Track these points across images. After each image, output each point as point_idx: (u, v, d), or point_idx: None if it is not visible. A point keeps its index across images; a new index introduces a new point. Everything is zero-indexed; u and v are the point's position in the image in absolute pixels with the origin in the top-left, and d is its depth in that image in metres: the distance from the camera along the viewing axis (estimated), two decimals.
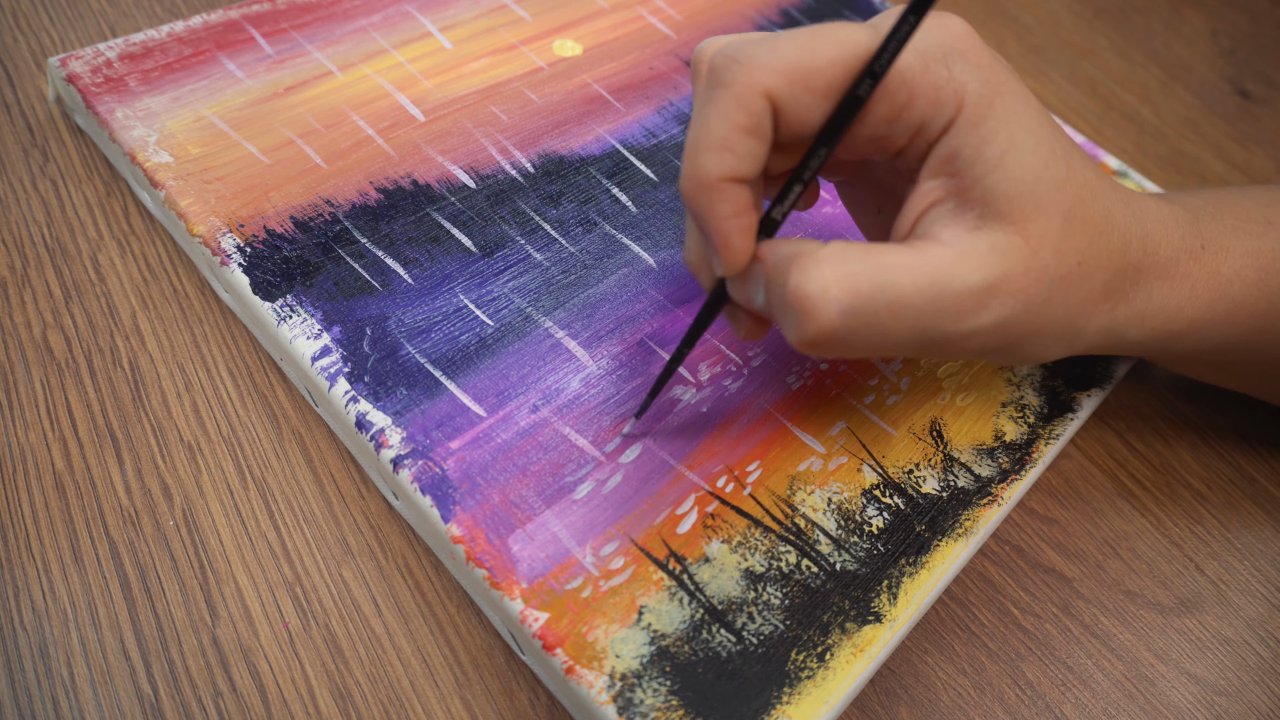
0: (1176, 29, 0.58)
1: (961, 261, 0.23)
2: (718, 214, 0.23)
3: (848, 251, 0.23)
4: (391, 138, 0.35)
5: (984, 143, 0.23)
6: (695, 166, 0.23)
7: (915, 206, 0.24)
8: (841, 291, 0.22)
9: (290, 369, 0.30)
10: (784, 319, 0.23)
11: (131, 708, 0.24)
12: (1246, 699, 0.29)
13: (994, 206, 0.23)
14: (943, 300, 0.23)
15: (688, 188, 0.23)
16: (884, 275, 0.22)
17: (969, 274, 0.23)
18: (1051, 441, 0.32)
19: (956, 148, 0.24)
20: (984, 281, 0.23)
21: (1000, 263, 0.23)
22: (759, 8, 0.46)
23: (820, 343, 0.23)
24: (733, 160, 0.23)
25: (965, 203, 0.24)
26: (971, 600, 0.30)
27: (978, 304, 0.23)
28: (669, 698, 0.24)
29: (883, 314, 0.22)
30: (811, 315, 0.22)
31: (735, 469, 0.29)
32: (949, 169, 0.24)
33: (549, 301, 0.31)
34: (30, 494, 0.27)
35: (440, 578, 0.27)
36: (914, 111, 0.23)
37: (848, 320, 0.22)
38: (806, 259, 0.23)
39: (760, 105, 0.23)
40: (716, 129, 0.23)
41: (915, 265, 0.23)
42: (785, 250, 0.24)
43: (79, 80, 0.33)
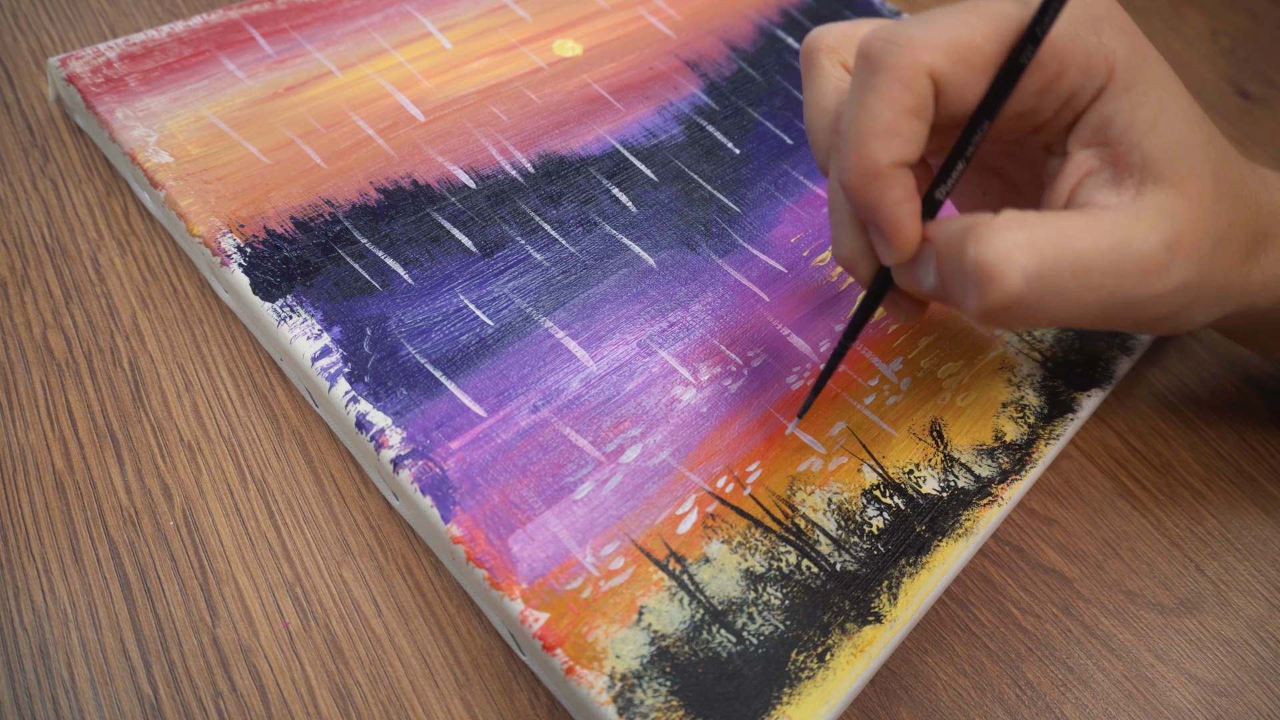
0: (1177, 29, 0.58)
1: (1137, 224, 0.23)
2: (889, 200, 0.23)
3: (1025, 218, 0.22)
4: (391, 138, 0.35)
5: (1137, 106, 0.23)
6: (863, 155, 0.23)
7: (1070, 178, 0.24)
8: (1025, 256, 0.22)
9: (290, 369, 0.30)
10: (964, 291, 0.23)
11: (131, 708, 0.24)
12: (1246, 699, 0.29)
13: (1153, 170, 0.23)
14: (1126, 261, 0.22)
15: (855, 179, 0.23)
16: (1066, 239, 0.22)
17: (1147, 234, 0.23)
18: (1052, 442, 0.32)
19: (1109, 115, 0.24)
20: (1163, 241, 0.23)
21: (1172, 224, 0.23)
22: (759, 8, 0.46)
23: (1006, 309, 0.22)
24: (901, 145, 0.23)
25: (1123, 169, 0.24)
26: (971, 600, 0.30)
27: (1161, 266, 0.23)
28: (669, 698, 0.24)
29: (1067, 278, 0.22)
30: (997, 282, 0.22)
31: (735, 469, 0.29)
32: (1101, 136, 0.24)
33: (549, 301, 0.31)
34: (30, 494, 0.27)
35: (440, 578, 0.27)
36: (1065, 81, 0.23)
37: (1033, 285, 0.22)
38: (984, 228, 0.22)
39: (925, 86, 0.22)
40: (883, 114, 0.22)
41: (1095, 228, 0.22)
42: (955, 226, 0.23)
43: (79, 80, 0.33)
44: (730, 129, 0.39)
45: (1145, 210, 0.23)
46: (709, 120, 0.39)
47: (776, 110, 0.41)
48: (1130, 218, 0.23)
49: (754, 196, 0.37)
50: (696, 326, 0.32)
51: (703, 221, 0.35)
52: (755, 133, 0.39)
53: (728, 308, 0.33)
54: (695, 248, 0.34)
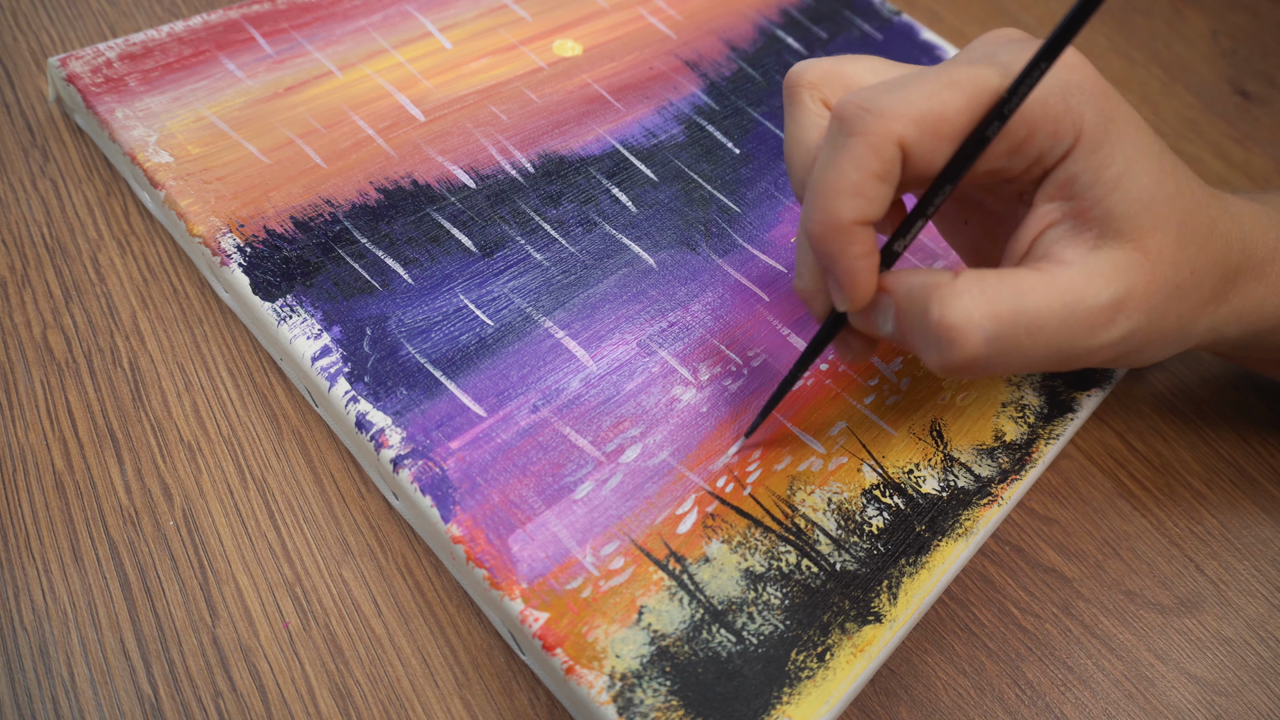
0: (1177, 29, 0.58)
1: (1090, 280, 0.24)
2: (848, 254, 0.24)
3: (984, 280, 0.24)
4: (391, 138, 0.35)
5: (1101, 167, 0.25)
6: (828, 212, 0.24)
7: (1032, 228, 0.26)
8: (985, 320, 0.23)
9: (290, 369, 0.30)
10: (925, 347, 0.24)
11: (131, 708, 0.24)
12: (1246, 699, 0.29)
13: (1113, 225, 0.25)
14: (1075, 318, 0.24)
15: (819, 230, 0.24)
16: (1021, 300, 0.24)
17: (1098, 291, 0.24)
18: (1051, 441, 0.32)
19: (1075, 173, 0.25)
20: (1112, 298, 0.24)
21: (1124, 278, 0.24)
22: (759, 8, 0.46)
23: (965, 368, 0.24)
24: (865, 205, 0.24)
25: (1083, 223, 0.25)
26: (971, 600, 0.30)
27: (1108, 320, 0.24)
28: (669, 698, 0.24)
29: (1022, 337, 0.24)
30: (959, 343, 0.23)
31: (735, 469, 0.29)
32: (1066, 193, 0.25)
33: (549, 301, 0.31)
34: (30, 494, 0.27)
35: (440, 578, 0.27)
36: (1033, 144, 0.25)
37: (992, 346, 0.23)
38: (945, 290, 0.24)
39: (893, 153, 0.23)
40: (850, 175, 0.23)
41: (1049, 288, 0.24)
42: (915, 281, 0.25)
43: (79, 80, 0.33)
44: (730, 129, 0.39)
45: (1099, 265, 0.24)
46: (709, 120, 0.39)
47: (776, 110, 0.41)
48: (1083, 274, 0.24)
49: (754, 196, 0.37)
50: (696, 326, 0.32)
51: (703, 221, 0.35)
52: (755, 133, 0.39)
53: (728, 308, 0.33)
54: (695, 248, 0.34)
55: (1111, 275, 0.24)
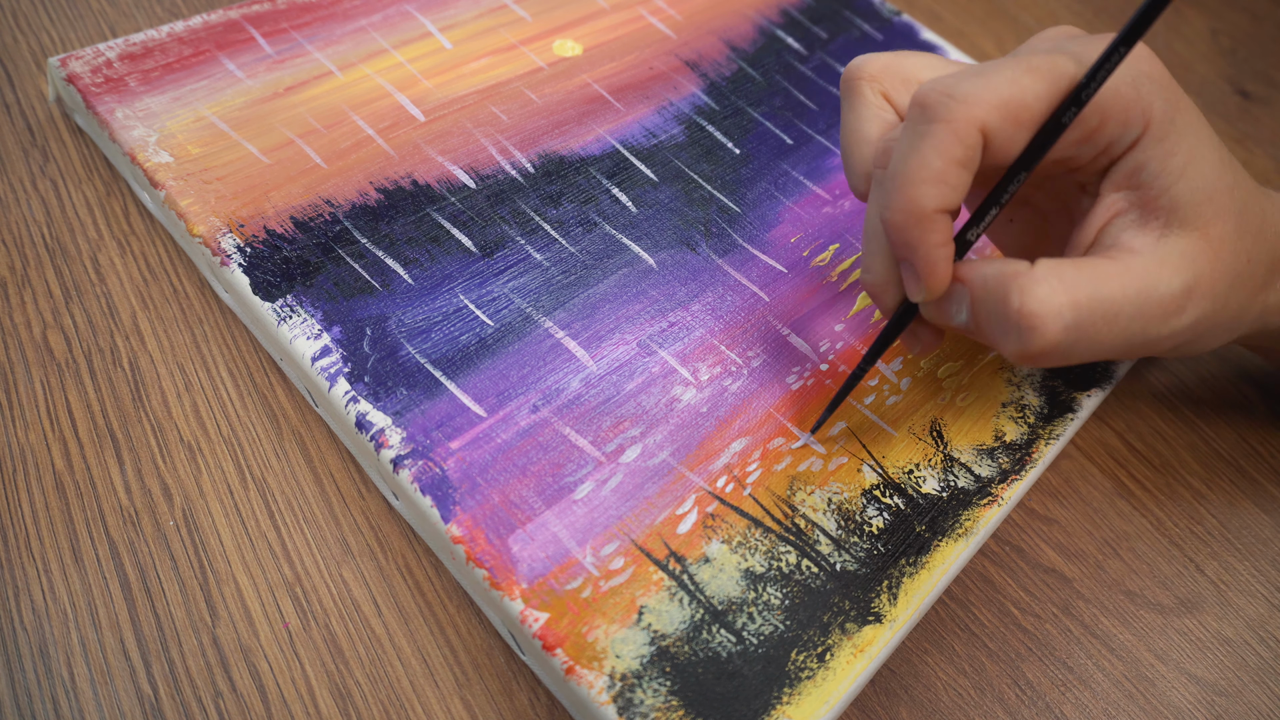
0: (1176, 29, 0.58)
1: (1161, 268, 0.25)
2: (928, 243, 0.24)
3: (1061, 269, 0.24)
4: (391, 138, 0.35)
5: (1168, 155, 0.25)
6: (911, 199, 0.24)
7: (1099, 218, 0.26)
8: (1065, 307, 0.24)
9: (290, 369, 0.30)
10: (1004, 336, 0.24)
11: (131, 708, 0.24)
12: (1246, 699, 0.29)
13: (1179, 214, 0.25)
14: (1149, 306, 0.25)
15: (900, 219, 0.24)
16: (1099, 288, 0.24)
17: (1170, 279, 0.25)
18: (1051, 441, 0.32)
19: (1142, 162, 0.25)
20: (1183, 285, 0.25)
21: (1192, 267, 0.25)
22: (759, 8, 0.46)
23: (1044, 355, 0.24)
24: (947, 192, 0.24)
25: (1150, 212, 0.25)
26: (971, 600, 0.30)
27: (1179, 307, 0.25)
28: (669, 698, 0.24)
29: (1099, 324, 0.24)
30: (1040, 331, 0.24)
31: (735, 469, 0.29)
32: (1133, 181, 0.26)
33: (549, 301, 0.31)
34: (30, 494, 0.27)
35: (440, 578, 0.27)
36: (1104, 132, 0.25)
37: (1070, 334, 0.24)
38: (1024, 278, 0.24)
39: (975, 139, 0.24)
40: (933, 162, 0.24)
41: (1124, 275, 0.24)
42: (991, 271, 0.25)
43: (79, 80, 0.33)
44: (730, 129, 0.39)
45: (1169, 254, 0.25)
46: (709, 120, 0.39)
47: (776, 110, 0.41)
48: (1155, 262, 0.25)
49: (754, 196, 0.37)
50: (696, 326, 0.32)
51: (703, 221, 0.35)
52: (755, 133, 0.39)
53: (728, 308, 0.33)
54: (695, 248, 0.34)
55: (1180, 263, 0.25)
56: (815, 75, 0.43)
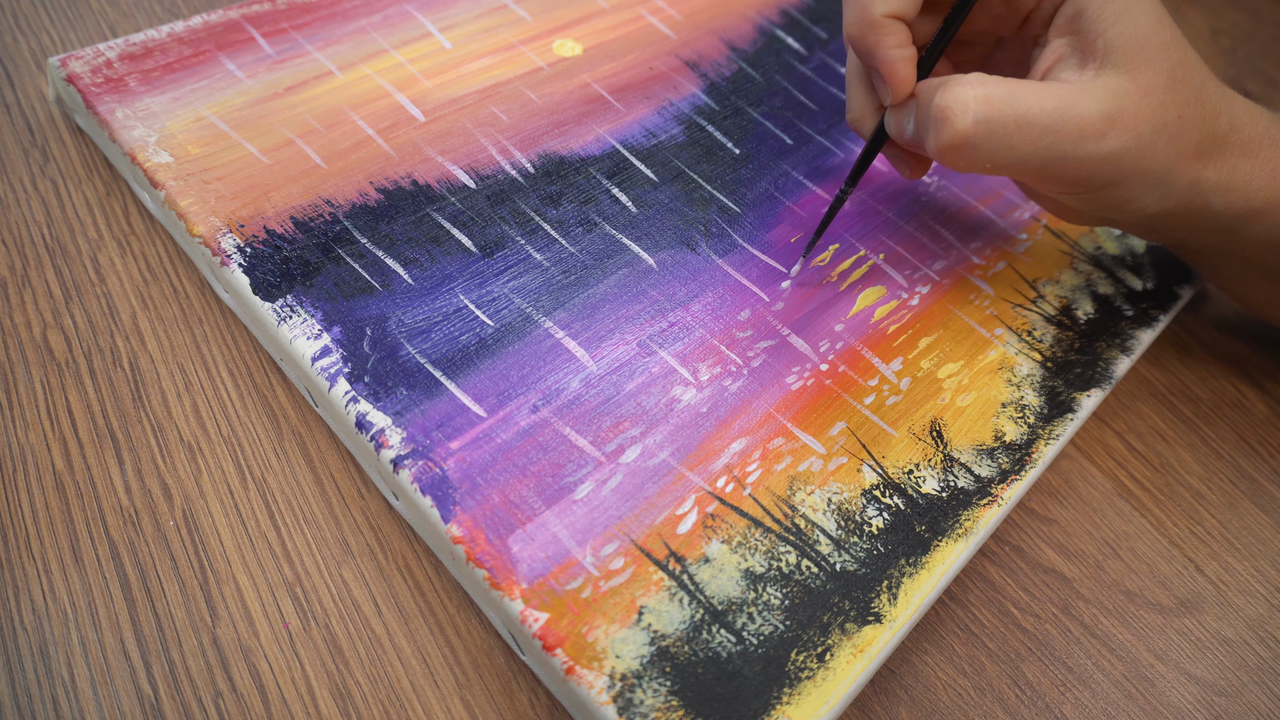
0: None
1: (1083, 95, 0.27)
2: (884, 44, 0.28)
3: (987, 78, 0.27)
4: (391, 138, 0.35)
5: (1105, 1, 0.28)
6: (862, 8, 0.28)
7: (1043, 63, 0.29)
8: (976, 104, 0.27)
9: (290, 369, 0.30)
10: (926, 131, 0.28)
11: (131, 708, 0.24)
12: (1246, 699, 0.29)
13: (1112, 56, 0.28)
14: (1065, 123, 0.27)
15: (855, 28, 0.28)
16: (1015, 95, 0.27)
17: (1089, 104, 0.27)
18: (1051, 442, 0.32)
19: (1081, 6, 0.29)
20: (1102, 111, 0.27)
21: (1115, 100, 0.28)
22: (759, 8, 0.46)
23: (956, 147, 0.27)
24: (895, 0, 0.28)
25: (1087, 55, 0.28)
26: (971, 600, 0.30)
27: (1097, 131, 0.27)
28: (669, 698, 0.24)
29: (1010, 127, 0.27)
30: (950, 122, 0.27)
31: (735, 469, 0.29)
32: (1073, 26, 0.29)
33: (549, 301, 0.31)
34: (30, 494, 0.27)
35: (440, 578, 0.27)
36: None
37: (979, 128, 0.27)
38: (952, 81, 0.27)
39: None
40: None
41: (1044, 92, 0.27)
42: (934, 81, 0.28)
43: (79, 80, 0.33)
44: (730, 129, 0.39)
45: (1094, 87, 0.28)
46: (709, 120, 0.39)
47: (776, 110, 0.41)
48: (1078, 90, 0.28)
49: (754, 196, 0.37)
50: (696, 326, 0.32)
51: (703, 221, 0.35)
52: (755, 133, 0.39)
53: (728, 308, 0.33)
54: (695, 248, 0.34)
55: (1104, 95, 0.27)
56: (815, 75, 0.43)
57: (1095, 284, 0.37)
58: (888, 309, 0.34)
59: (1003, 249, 0.38)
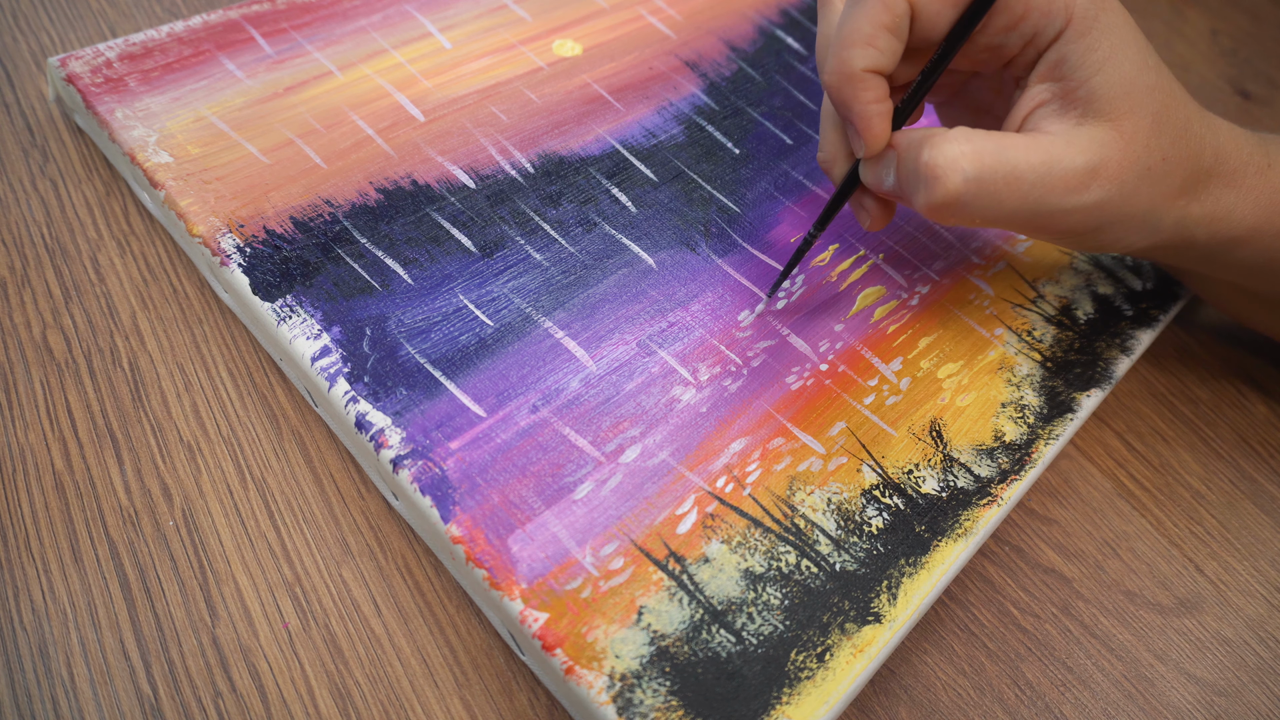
0: (1177, 29, 0.58)
1: (1068, 147, 0.27)
2: (861, 99, 0.28)
3: (973, 133, 0.27)
4: (391, 138, 0.35)
5: (1089, 50, 0.27)
6: (842, 61, 0.27)
7: (1024, 107, 0.29)
8: (967, 162, 0.26)
9: (290, 369, 0.30)
10: (914, 189, 0.27)
11: (131, 708, 0.24)
12: (1246, 699, 0.29)
13: (1095, 105, 0.28)
14: (1052, 177, 0.27)
15: (834, 80, 0.28)
16: (1003, 152, 0.27)
17: (1074, 157, 0.27)
18: (1051, 442, 0.32)
19: (1065, 54, 0.28)
20: (1087, 164, 0.27)
21: (1100, 150, 0.27)
22: (759, 8, 0.46)
23: (946, 205, 0.27)
24: (875, 55, 0.27)
25: (1069, 103, 0.28)
26: (971, 600, 0.30)
27: (1081, 184, 0.27)
28: (669, 698, 0.24)
29: (1000, 184, 0.27)
30: (941, 180, 0.26)
31: (735, 469, 0.29)
32: (1056, 74, 0.28)
33: (549, 301, 0.31)
34: (30, 494, 0.27)
35: (440, 578, 0.27)
36: (1029, 22, 0.28)
37: (970, 186, 0.26)
38: (937, 137, 0.27)
39: (902, 8, 0.27)
40: (863, 28, 0.27)
41: (1030, 147, 0.27)
42: (915, 135, 0.28)
43: (79, 80, 0.33)
44: (730, 129, 0.39)
45: (1078, 137, 0.27)
46: (709, 120, 0.39)
47: (776, 110, 0.41)
48: (1063, 142, 0.27)
49: (754, 196, 0.37)
50: (696, 326, 0.32)
51: (702, 221, 0.35)
52: (755, 133, 0.39)
53: (728, 308, 0.33)
54: (695, 248, 0.34)
55: (1088, 146, 0.27)
56: (815, 75, 0.43)
57: (1095, 284, 0.37)
58: (887, 309, 0.34)
59: (1002, 249, 0.38)
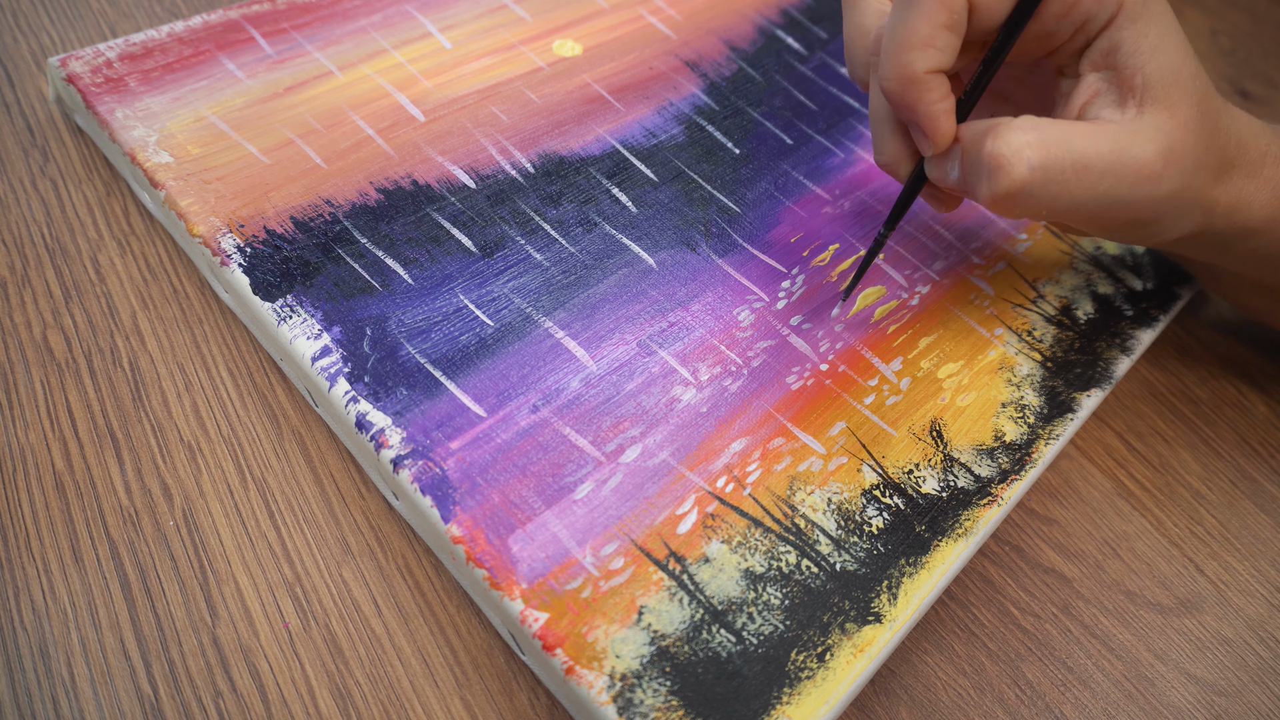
0: None
1: (1136, 136, 0.27)
2: (926, 101, 0.27)
3: (1039, 121, 0.26)
4: (391, 138, 0.35)
5: (1141, 36, 0.27)
6: (904, 64, 0.26)
7: (1081, 96, 0.28)
8: (1033, 151, 0.25)
9: (290, 369, 0.30)
10: (978, 179, 0.27)
11: (131, 708, 0.24)
12: (1246, 699, 0.29)
13: (1152, 92, 0.27)
14: (1123, 166, 0.26)
15: (896, 85, 0.27)
16: (1070, 140, 0.26)
17: (1144, 145, 0.26)
18: (1051, 442, 0.32)
19: (1118, 41, 0.27)
20: (1158, 152, 0.27)
21: (1166, 139, 0.27)
22: (759, 8, 0.46)
23: (1011, 196, 0.26)
24: (936, 55, 0.26)
25: (1127, 90, 0.27)
26: (971, 600, 0.30)
27: (1155, 173, 0.27)
28: (669, 698, 0.24)
29: (1068, 173, 0.26)
30: (1005, 170, 0.26)
31: (735, 469, 0.29)
32: (1110, 60, 0.27)
33: (549, 301, 0.31)
34: (30, 494, 0.27)
35: (440, 578, 0.27)
36: (1081, 8, 0.27)
37: (1036, 175, 0.26)
38: (1002, 127, 0.26)
39: (960, 4, 0.26)
40: (921, 28, 0.26)
41: (1098, 134, 0.26)
42: (980, 126, 0.27)
43: (79, 80, 0.33)
44: (730, 129, 0.39)
45: (1144, 126, 0.27)
46: (709, 120, 0.39)
47: (776, 110, 0.41)
48: (1130, 131, 0.27)
49: (754, 196, 0.37)
50: (696, 326, 0.32)
51: (703, 221, 0.35)
52: (755, 133, 0.39)
53: (728, 308, 0.33)
54: (695, 248, 0.34)
55: (1155, 134, 0.27)
56: (815, 75, 0.43)
57: (1095, 284, 0.37)
58: (888, 309, 0.34)
59: (1003, 249, 0.38)
